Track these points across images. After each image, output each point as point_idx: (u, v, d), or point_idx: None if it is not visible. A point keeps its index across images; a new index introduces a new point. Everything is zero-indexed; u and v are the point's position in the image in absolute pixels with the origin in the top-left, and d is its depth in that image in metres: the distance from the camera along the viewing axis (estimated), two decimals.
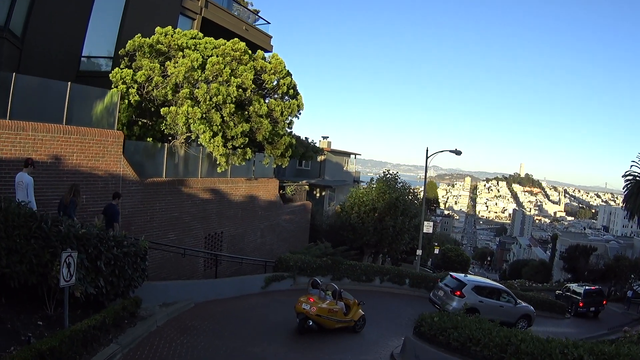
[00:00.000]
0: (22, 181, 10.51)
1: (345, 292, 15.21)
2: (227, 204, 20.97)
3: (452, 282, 19.74)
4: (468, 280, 19.71)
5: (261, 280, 19.16)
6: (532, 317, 20.63)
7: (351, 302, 15.04)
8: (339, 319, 14.15)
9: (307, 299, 13.60)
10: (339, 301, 14.35)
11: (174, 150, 18.10)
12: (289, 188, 28.31)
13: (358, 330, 15.12)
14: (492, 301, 19.21)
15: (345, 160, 50.00)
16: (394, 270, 25.99)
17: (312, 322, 13.45)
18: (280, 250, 25.58)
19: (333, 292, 14.49)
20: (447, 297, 18.94)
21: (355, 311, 15.00)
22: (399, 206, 31.63)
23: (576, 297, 32.50)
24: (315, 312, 13.32)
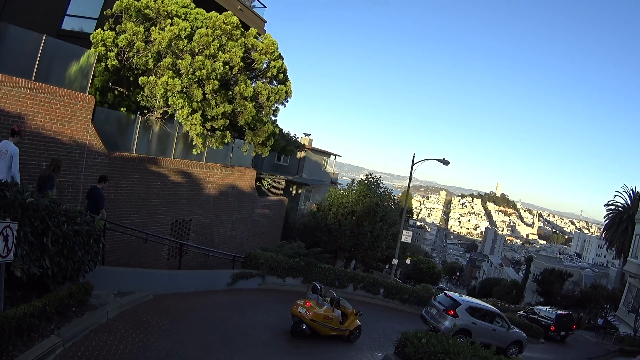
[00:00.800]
0: (7, 150, 9.81)
1: (343, 301, 15.24)
2: (199, 190, 19.79)
3: (446, 300, 19.37)
4: (462, 300, 19.38)
5: (228, 276, 17.99)
6: (523, 343, 20.37)
7: (349, 311, 15.05)
8: (333, 326, 14.00)
9: (304, 303, 13.50)
10: (336, 309, 14.30)
11: (148, 124, 16.91)
12: (266, 181, 27.20)
13: (352, 340, 15.00)
14: (486, 324, 18.92)
15: (324, 160, 49.69)
16: (369, 278, 25.06)
17: (305, 327, 13.36)
18: (250, 246, 24.54)
19: (331, 299, 14.43)
20: (440, 315, 18.62)
21: (352, 321, 14.93)
22: (379, 212, 30.74)
23: (547, 320, 32.13)
24: (311, 317, 13.20)
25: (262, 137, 19.20)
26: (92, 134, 13.97)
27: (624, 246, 49.03)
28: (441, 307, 18.94)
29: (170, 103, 16.03)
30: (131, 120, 16.62)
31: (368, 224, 30.19)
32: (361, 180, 33.77)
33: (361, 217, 30.51)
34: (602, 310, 44.59)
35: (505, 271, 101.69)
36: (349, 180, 38.01)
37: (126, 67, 16.78)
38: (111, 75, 16.70)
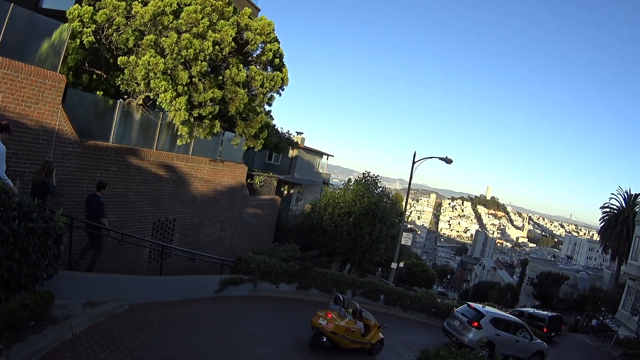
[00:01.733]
0: None
1: (366, 312, 14.62)
2: (185, 186, 18.03)
3: (470, 311, 18.94)
4: (487, 312, 18.94)
5: (216, 282, 16.14)
6: (545, 353, 19.94)
7: (371, 323, 14.36)
8: (355, 339, 13.38)
9: (326, 315, 13.08)
10: (358, 321, 13.70)
11: (127, 110, 15.14)
12: (258, 178, 25.46)
13: (374, 354, 14.39)
14: (509, 335, 18.50)
15: (317, 160, 48.60)
16: (369, 283, 23.35)
17: (325, 339, 12.87)
18: (240, 248, 22.86)
19: (354, 311, 13.83)
20: (464, 327, 18.20)
21: (375, 333, 14.28)
22: (378, 213, 29.11)
23: (540, 322, 31.94)
24: (332, 329, 12.70)
25: (255, 129, 17.45)
26: (62, 118, 12.24)
27: (619, 249, 49.17)
28: (464, 318, 18.45)
29: (152, 86, 14.29)
30: (109, 105, 14.87)
31: (366, 225, 28.57)
32: (358, 179, 32.03)
33: (359, 218, 28.88)
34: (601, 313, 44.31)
35: (498, 274, 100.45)
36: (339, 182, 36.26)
37: (105, 46, 15.11)
38: (87, 54, 15.00)
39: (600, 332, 39.37)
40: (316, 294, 20.67)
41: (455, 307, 20.85)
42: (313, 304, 19.64)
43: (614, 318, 42.82)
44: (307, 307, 18.62)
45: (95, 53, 15.31)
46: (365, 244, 28.76)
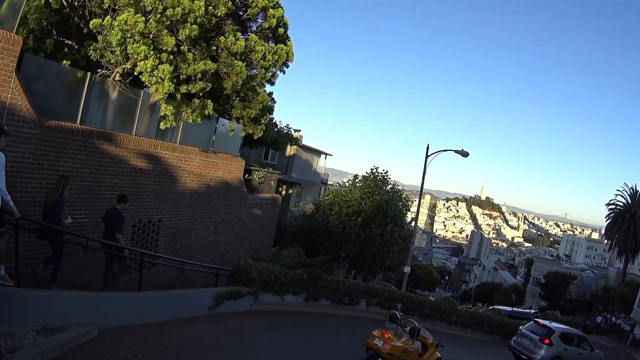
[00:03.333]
0: None
1: (424, 330, 13.85)
2: (172, 180, 15.16)
3: (539, 328, 18.87)
4: (556, 327, 18.92)
5: (209, 296, 13.19)
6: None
7: (429, 342, 13.49)
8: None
9: (382, 334, 12.29)
10: (416, 340, 12.89)
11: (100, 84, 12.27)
12: (257, 174, 22.51)
13: None
14: (575, 349, 18.63)
15: (315, 159, 46.40)
16: (385, 291, 20.69)
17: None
18: (238, 254, 20.06)
19: (411, 329, 13.08)
20: (536, 345, 18.00)
21: (432, 353, 13.41)
22: (390, 212, 26.36)
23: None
24: (388, 350, 11.91)
25: (255, 110, 14.58)
26: (15, 90, 9.45)
27: (626, 245, 48.69)
28: (535, 336, 18.28)
29: (129, 52, 11.41)
30: (77, 79, 11.99)
31: (377, 226, 25.79)
32: (366, 175, 29.18)
33: (368, 218, 26.20)
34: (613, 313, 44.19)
35: (500, 275, 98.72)
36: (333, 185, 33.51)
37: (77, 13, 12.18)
38: (53, 16, 12.14)
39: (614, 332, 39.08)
40: (326, 305, 18.06)
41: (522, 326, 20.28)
42: (325, 317, 17.33)
43: (627, 317, 41.98)
44: (319, 323, 16.25)
45: (65, 19, 12.56)
46: (376, 246, 26.07)
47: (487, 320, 24.57)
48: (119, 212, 10.91)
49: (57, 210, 9.19)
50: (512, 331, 25.84)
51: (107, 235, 10.73)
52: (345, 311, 18.70)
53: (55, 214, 9.17)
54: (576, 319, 47.27)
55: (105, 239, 10.69)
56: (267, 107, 15.56)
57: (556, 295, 54.69)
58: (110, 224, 10.77)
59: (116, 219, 10.80)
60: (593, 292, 47.94)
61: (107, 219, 10.86)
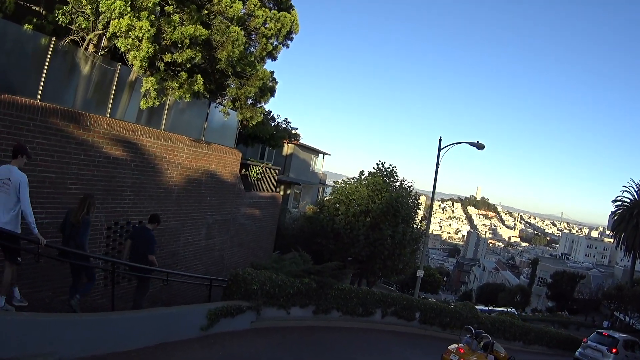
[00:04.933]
0: (9, 179, 7.16)
1: (497, 344, 14.21)
2: (155, 174, 12.67)
3: (604, 339, 20.17)
4: (619, 336, 20.29)
5: (202, 315, 10.67)
6: None
7: (501, 355, 14.07)
8: None
9: (457, 350, 12.60)
10: (489, 354, 13.22)
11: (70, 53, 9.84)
12: (255, 169, 20.03)
13: None
14: (632, 353, 19.95)
15: (313, 159, 44.77)
16: (401, 299, 18.39)
17: None
18: (235, 261, 17.65)
19: (485, 344, 13.45)
20: (604, 354, 19.31)
21: None
22: (401, 210, 23.95)
23: None
24: None
25: (254, 89, 12.09)
26: None
27: (634, 242, 47.42)
28: (603, 347, 19.56)
29: (102, 9, 8.96)
30: (41, 46, 9.54)
31: (388, 226, 23.40)
32: (373, 171, 26.76)
33: (378, 218, 23.78)
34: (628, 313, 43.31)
35: (502, 275, 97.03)
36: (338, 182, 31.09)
37: None
38: None
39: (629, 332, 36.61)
40: (338, 317, 15.67)
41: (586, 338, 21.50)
42: (337, 331, 14.98)
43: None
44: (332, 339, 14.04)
45: None
46: (387, 249, 23.67)
47: (509, 326, 22.42)
48: (151, 232, 10.44)
49: (80, 232, 8.66)
50: (534, 338, 23.88)
51: (135, 255, 10.10)
52: (359, 323, 16.34)
53: (79, 236, 8.64)
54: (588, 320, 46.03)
55: (132, 260, 10.07)
56: (268, 88, 13.12)
57: (564, 295, 54.20)
58: (140, 244, 10.22)
59: (148, 240, 10.31)
60: (605, 291, 46.46)
61: (136, 238, 10.36)
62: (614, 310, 44.86)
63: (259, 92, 12.64)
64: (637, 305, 41.11)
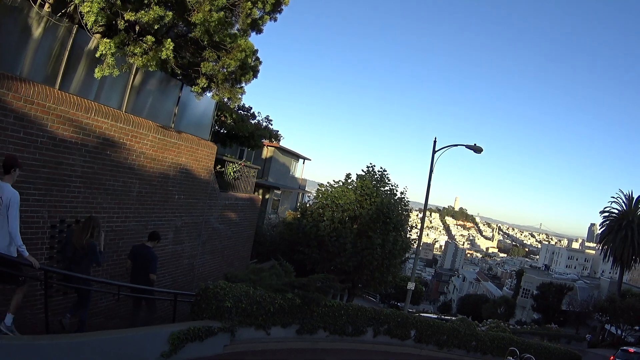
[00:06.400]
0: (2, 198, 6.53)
1: None
2: (112, 163, 10.68)
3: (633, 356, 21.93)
4: None
5: (162, 338, 8.65)
6: None
7: None
8: None
9: None
10: None
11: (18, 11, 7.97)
12: (232, 166, 18.06)
13: None
14: None
15: (293, 163, 44.64)
16: (395, 316, 16.65)
17: None
18: (207, 270, 15.81)
19: None
20: None
21: None
22: (392, 217, 22.25)
23: None
24: None
25: (234, 62, 10.10)
26: None
27: (623, 254, 47.37)
28: None
29: None
30: None
31: (378, 234, 21.64)
32: (362, 174, 24.99)
33: (366, 225, 22.02)
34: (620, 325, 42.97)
35: (484, 286, 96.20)
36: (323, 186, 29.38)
37: None
38: None
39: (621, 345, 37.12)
40: (325, 337, 13.77)
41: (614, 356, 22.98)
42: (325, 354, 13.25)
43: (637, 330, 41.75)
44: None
45: None
46: (376, 259, 21.95)
47: (508, 343, 20.89)
48: (152, 250, 10.37)
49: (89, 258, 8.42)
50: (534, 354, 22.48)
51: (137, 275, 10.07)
52: (349, 343, 14.53)
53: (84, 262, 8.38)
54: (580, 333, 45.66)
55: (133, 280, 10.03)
56: (251, 66, 11.19)
57: (551, 307, 54.19)
58: (142, 261, 10.17)
59: (150, 258, 10.24)
60: (596, 303, 45.93)
61: (137, 257, 10.26)
62: (605, 322, 44.52)
63: (239, 71, 10.70)
64: (629, 318, 40.71)
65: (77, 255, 8.36)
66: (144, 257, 10.20)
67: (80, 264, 8.32)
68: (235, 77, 10.85)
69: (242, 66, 10.67)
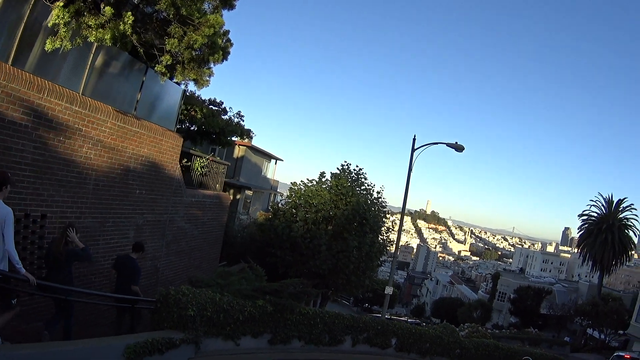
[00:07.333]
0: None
1: None
2: (66, 151, 9.72)
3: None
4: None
5: (117, 352, 7.73)
6: None
7: None
8: None
9: None
10: None
11: None
12: (199, 161, 17.14)
13: None
14: None
15: (265, 164, 44.45)
16: (375, 324, 15.96)
17: None
18: (172, 273, 14.96)
19: None
20: None
21: None
22: (369, 219, 21.64)
23: None
24: None
25: (202, 38, 9.20)
26: None
27: (603, 257, 47.65)
28: None
29: None
30: None
31: (354, 236, 21.02)
32: (337, 173, 24.26)
33: (342, 226, 21.40)
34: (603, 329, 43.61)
35: (457, 289, 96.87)
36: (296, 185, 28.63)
37: None
38: None
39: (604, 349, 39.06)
40: (300, 347, 13.01)
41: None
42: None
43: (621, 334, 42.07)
44: None
45: None
46: (352, 262, 21.38)
47: (493, 350, 20.41)
48: (136, 261, 10.44)
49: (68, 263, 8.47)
50: None
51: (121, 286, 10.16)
52: (326, 354, 13.80)
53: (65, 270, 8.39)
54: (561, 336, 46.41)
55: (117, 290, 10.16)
56: (221, 47, 10.30)
57: (529, 311, 53.79)
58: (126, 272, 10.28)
59: (134, 269, 10.34)
60: (578, 307, 46.53)
61: (120, 268, 10.39)
62: (587, 327, 44.91)
63: (207, 50, 9.81)
64: (612, 322, 41.29)
65: (56, 263, 8.31)
66: (127, 268, 10.28)
67: (62, 272, 8.27)
68: (203, 57, 9.97)
69: (211, 45, 9.82)
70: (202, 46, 9.45)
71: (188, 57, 9.59)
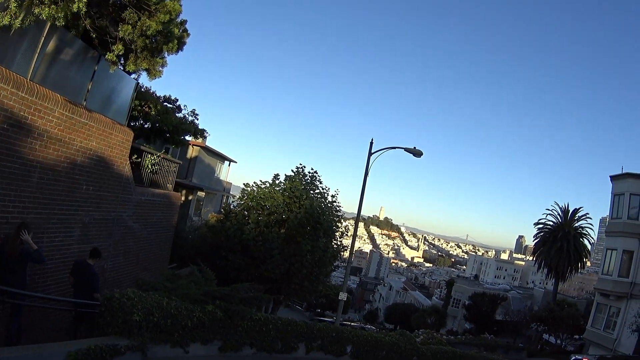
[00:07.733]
0: None
1: None
2: (9, 139, 9.15)
3: None
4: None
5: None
6: None
7: None
8: None
9: None
10: None
11: None
12: (150, 158, 16.63)
13: None
14: None
15: (218, 165, 44.60)
16: (330, 331, 15.87)
17: None
18: (120, 276, 14.58)
19: None
20: None
21: None
22: (323, 222, 21.56)
23: None
24: None
25: (156, 24, 8.85)
26: None
27: (558, 265, 48.89)
28: None
29: None
30: None
31: (307, 240, 20.91)
32: (291, 175, 24.04)
33: (295, 230, 21.32)
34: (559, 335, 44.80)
35: (412, 295, 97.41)
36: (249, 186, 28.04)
37: None
38: None
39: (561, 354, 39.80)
40: (251, 355, 12.74)
41: None
42: None
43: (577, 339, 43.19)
44: None
45: None
46: (305, 266, 21.26)
47: (452, 356, 20.78)
48: (93, 268, 10.45)
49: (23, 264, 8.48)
50: None
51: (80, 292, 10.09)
52: None
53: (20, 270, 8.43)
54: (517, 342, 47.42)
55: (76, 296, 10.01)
56: (177, 36, 9.94)
57: (484, 317, 54.80)
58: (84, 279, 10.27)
59: (92, 275, 10.38)
60: (534, 313, 47.32)
61: (77, 274, 10.37)
62: (543, 332, 45.75)
63: (162, 38, 9.44)
64: (568, 327, 42.25)
65: (11, 263, 8.31)
66: (84, 275, 10.27)
67: (16, 272, 8.32)
68: (157, 46, 9.59)
69: (166, 34, 9.47)
70: (156, 34, 9.13)
71: (141, 46, 9.23)
